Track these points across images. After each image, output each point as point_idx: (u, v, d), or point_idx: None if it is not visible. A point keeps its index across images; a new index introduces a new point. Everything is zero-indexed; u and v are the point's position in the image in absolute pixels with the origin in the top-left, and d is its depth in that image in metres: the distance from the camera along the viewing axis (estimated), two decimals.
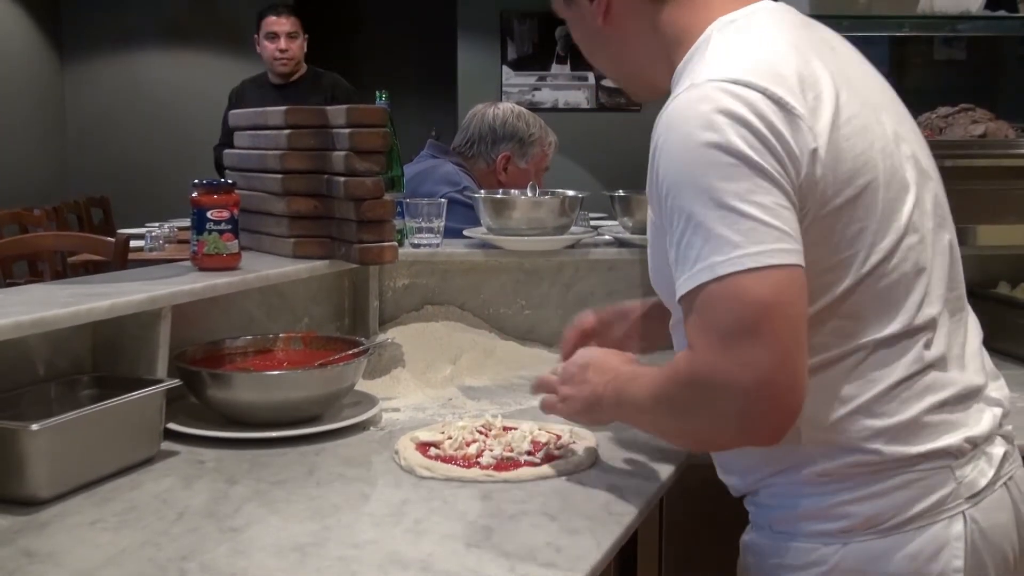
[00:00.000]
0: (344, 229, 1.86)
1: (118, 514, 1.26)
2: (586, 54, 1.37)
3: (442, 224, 2.17)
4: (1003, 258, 2.26)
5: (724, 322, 1.02)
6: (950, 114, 2.27)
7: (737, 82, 1.05)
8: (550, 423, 1.58)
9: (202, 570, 1.09)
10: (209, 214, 1.72)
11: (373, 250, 1.83)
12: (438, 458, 1.43)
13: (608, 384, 1.27)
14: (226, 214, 1.73)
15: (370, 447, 1.54)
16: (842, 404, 1.10)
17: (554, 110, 7.76)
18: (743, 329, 1.00)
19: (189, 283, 1.61)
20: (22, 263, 5.04)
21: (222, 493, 1.33)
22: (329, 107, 1.89)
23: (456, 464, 1.41)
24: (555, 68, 7.81)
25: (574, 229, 2.22)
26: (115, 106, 8.23)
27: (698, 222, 1.03)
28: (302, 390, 1.59)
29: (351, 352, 1.69)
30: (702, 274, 1.02)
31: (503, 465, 1.40)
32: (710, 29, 1.15)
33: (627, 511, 1.27)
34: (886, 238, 1.09)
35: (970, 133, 2.24)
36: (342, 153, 1.81)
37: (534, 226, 2.12)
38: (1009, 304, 2.09)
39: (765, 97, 1.04)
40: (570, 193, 2.19)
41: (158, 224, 5.03)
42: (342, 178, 1.82)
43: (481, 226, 2.27)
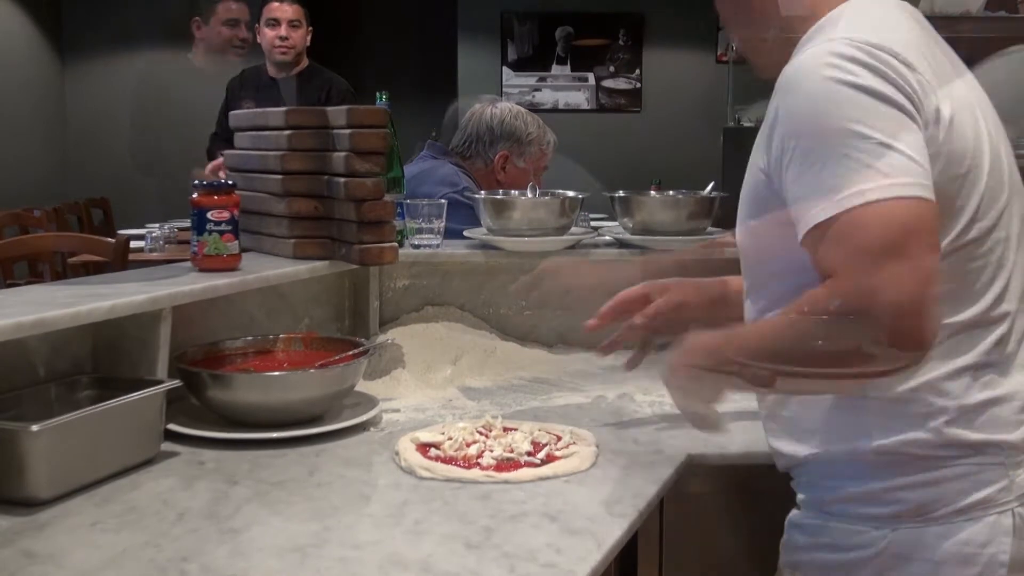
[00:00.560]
0: (344, 230, 1.86)
1: (118, 515, 1.26)
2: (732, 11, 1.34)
3: (442, 225, 2.17)
4: None
5: (877, 242, 1.04)
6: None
7: (870, 43, 1.09)
8: (550, 424, 1.58)
9: (202, 571, 1.09)
10: (209, 215, 1.72)
11: (373, 251, 1.83)
12: (438, 459, 1.43)
13: (721, 346, 1.22)
14: (226, 215, 1.73)
15: (370, 448, 1.54)
16: (910, 377, 1.12)
17: (554, 111, 7.77)
18: (896, 250, 1.03)
19: (189, 284, 1.61)
20: (22, 264, 5.05)
21: (222, 494, 1.33)
22: (329, 108, 1.89)
23: (456, 465, 1.41)
24: (555, 69, 7.82)
25: (574, 230, 2.22)
26: (116, 107, 8.23)
27: (843, 154, 1.05)
28: (302, 391, 1.59)
29: (351, 353, 1.69)
30: (850, 199, 1.05)
31: (503, 466, 1.40)
32: (843, 7, 1.19)
33: (627, 512, 1.27)
34: (982, 221, 1.13)
35: None
36: (342, 154, 1.82)
37: (534, 227, 2.12)
38: None
39: (897, 60, 1.08)
40: (570, 194, 2.20)
41: (158, 225, 5.03)
42: (342, 179, 1.82)
43: (481, 227, 2.27)
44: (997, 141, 1.19)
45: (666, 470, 1.43)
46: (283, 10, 4.14)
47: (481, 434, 1.51)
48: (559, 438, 1.51)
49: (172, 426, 1.54)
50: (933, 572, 1.11)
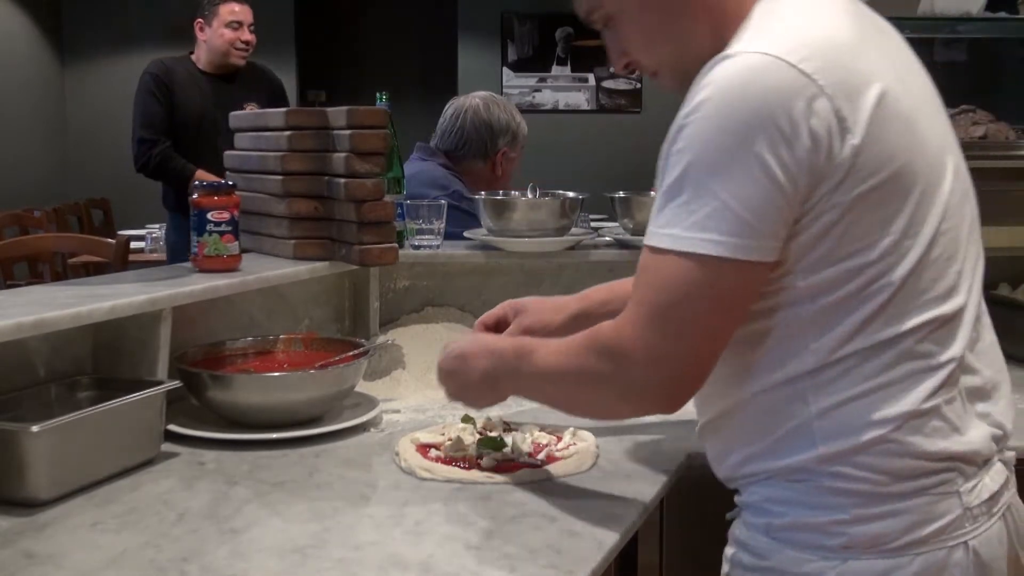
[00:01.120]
0: (344, 230, 1.86)
1: (118, 516, 1.26)
2: (639, 43, 1.24)
3: (442, 226, 2.17)
4: (1004, 260, 2.26)
5: (659, 300, 1.08)
6: (951, 116, 2.27)
7: (784, 60, 1.04)
8: (551, 424, 1.58)
9: (202, 571, 1.09)
10: (210, 216, 1.72)
11: (373, 251, 1.83)
12: (438, 460, 1.43)
13: (497, 363, 1.30)
14: (226, 215, 1.73)
15: (370, 449, 1.54)
16: (857, 383, 1.08)
17: (554, 111, 7.77)
18: (671, 315, 1.07)
19: (189, 284, 1.61)
20: (22, 264, 5.05)
21: (222, 494, 1.33)
22: (329, 108, 1.89)
23: (456, 466, 1.41)
24: (555, 69, 7.82)
25: (574, 231, 2.22)
26: (116, 107, 8.24)
27: (683, 189, 1.06)
28: (302, 392, 1.59)
29: (351, 353, 1.69)
30: (665, 239, 1.07)
31: (503, 467, 1.40)
32: (760, 5, 1.14)
33: (627, 512, 1.27)
34: (924, 224, 1.08)
35: (971, 135, 2.25)
36: (342, 154, 1.82)
37: (535, 228, 2.12)
38: (1010, 306, 2.09)
39: (812, 83, 1.03)
40: (570, 195, 2.20)
41: (158, 225, 5.04)
42: (342, 179, 1.82)
43: (474, 228, 2.28)
44: (936, 133, 1.14)
45: (666, 470, 1.43)
46: (245, 13, 4.15)
47: (481, 435, 1.51)
48: (559, 439, 1.51)
49: (172, 427, 1.54)
50: None
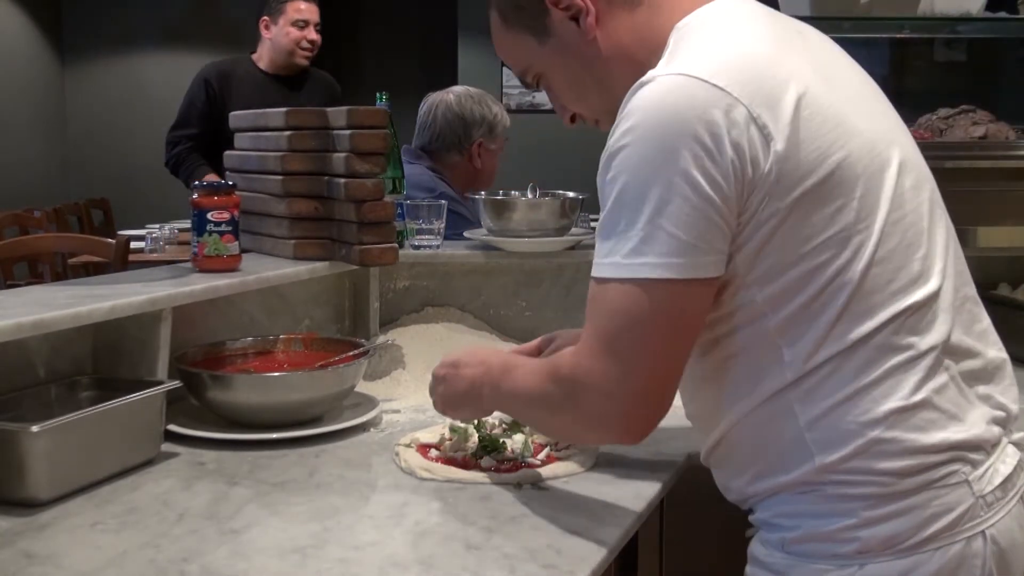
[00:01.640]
0: (344, 231, 1.86)
1: (118, 516, 1.26)
2: (571, 96, 1.30)
3: (442, 226, 2.17)
4: (1004, 260, 2.26)
5: (607, 329, 1.09)
6: (950, 116, 2.27)
7: (697, 77, 1.05)
8: None
9: (202, 572, 1.09)
10: (209, 216, 1.72)
11: (373, 251, 1.83)
12: (438, 460, 1.43)
13: (484, 375, 1.31)
14: (226, 216, 1.73)
15: (370, 449, 1.54)
16: (837, 389, 1.08)
17: (554, 111, 7.76)
18: (620, 342, 1.08)
19: (189, 285, 1.61)
20: (22, 264, 5.05)
21: (222, 495, 1.33)
22: (329, 108, 1.89)
23: (456, 466, 1.41)
24: None
25: (574, 231, 2.21)
26: (116, 107, 8.24)
27: (618, 217, 1.07)
28: (302, 392, 1.59)
29: (351, 354, 1.69)
30: (607, 268, 1.08)
31: (503, 467, 1.40)
32: (673, 33, 1.15)
33: (627, 512, 1.27)
34: (871, 218, 1.08)
35: (970, 135, 2.24)
36: (343, 155, 1.82)
37: (534, 228, 2.12)
38: (1010, 306, 2.09)
39: (725, 96, 1.04)
40: (570, 194, 2.19)
41: (158, 226, 5.04)
42: (342, 180, 1.82)
43: (462, 229, 2.29)
44: (873, 126, 1.13)
45: (666, 470, 1.43)
46: (312, 11, 4.02)
47: (481, 435, 1.51)
48: None
49: (172, 427, 1.54)
50: None
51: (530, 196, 2.19)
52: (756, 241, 1.07)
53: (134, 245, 4.20)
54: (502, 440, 1.47)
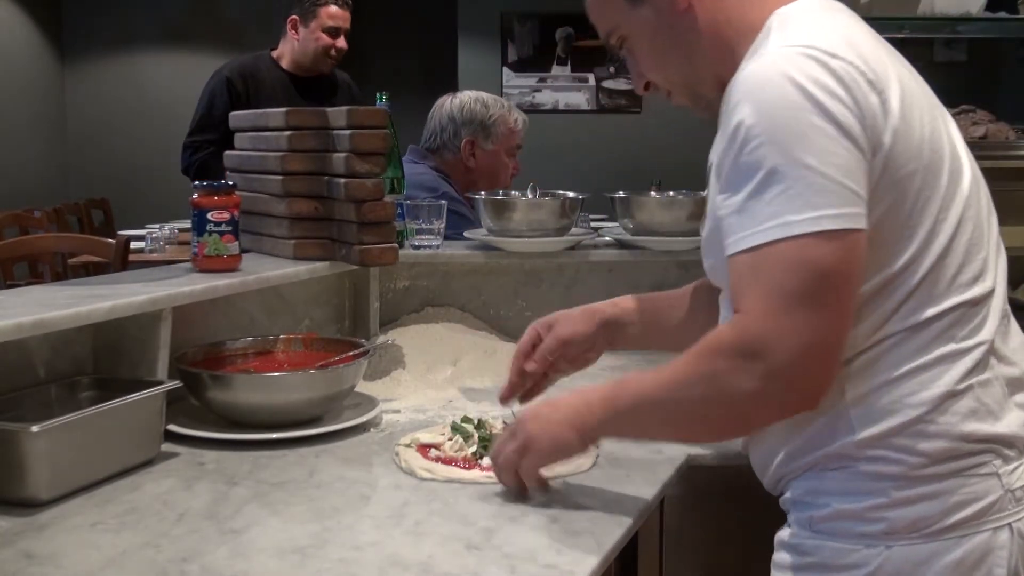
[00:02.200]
0: (344, 231, 1.86)
1: (118, 516, 1.26)
2: (651, 63, 1.27)
3: (442, 226, 2.17)
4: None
5: (790, 285, 1.03)
6: (951, 115, 2.27)
7: (816, 47, 1.07)
8: None
9: (202, 572, 1.09)
10: (209, 216, 1.72)
11: (373, 252, 1.83)
12: (438, 460, 1.43)
13: (582, 396, 1.23)
14: (226, 216, 1.73)
15: (370, 449, 1.54)
16: (889, 369, 1.10)
17: (554, 111, 7.77)
18: (808, 294, 1.02)
19: (189, 284, 1.61)
20: (23, 264, 5.05)
21: (222, 495, 1.33)
22: (329, 108, 1.89)
23: (456, 466, 1.41)
24: (555, 70, 7.82)
25: (574, 230, 2.22)
26: (116, 108, 8.24)
27: (776, 179, 1.03)
28: (302, 392, 1.59)
29: (351, 354, 1.69)
30: (775, 231, 1.03)
31: None
32: (773, 17, 1.16)
33: (628, 512, 1.27)
34: (950, 211, 1.11)
35: (971, 135, 2.25)
36: (343, 155, 1.82)
37: (535, 227, 2.12)
38: (1010, 306, 2.09)
39: (846, 63, 1.06)
40: (570, 194, 2.20)
41: (158, 226, 5.04)
42: (343, 180, 1.82)
43: (463, 229, 2.28)
44: (945, 130, 1.16)
45: (666, 471, 1.43)
46: (346, 19, 3.80)
47: (481, 435, 1.51)
48: None
49: (172, 427, 1.54)
50: None
51: (530, 196, 2.19)
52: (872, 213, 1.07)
53: (134, 245, 4.20)
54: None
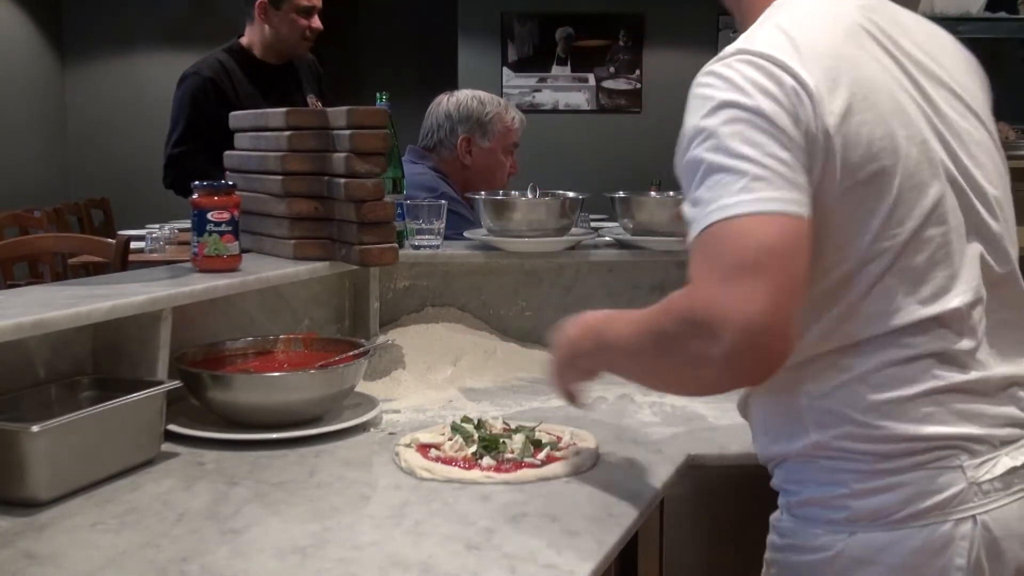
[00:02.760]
0: (345, 231, 1.86)
1: (118, 516, 1.26)
2: None
3: (442, 226, 2.17)
4: None
5: (729, 258, 1.04)
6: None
7: (761, 55, 1.09)
8: (551, 424, 1.58)
9: (202, 572, 1.09)
10: (209, 215, 1.72)
11: (373, 252, 1.83)
12: (439, 460, 1.43)
13: (585, 332, 1.29)
14: (226, 216, 1.73)
15: (370, 449, 1.54)
16: (841, 373, 1.12)
17: (554, 111, 7.77)
18: (747, 266, 1.02)
19: (189, 285, 1.61)
20: (22, 264, 5.04)
21: (222, 495, 1.33)
22: (330, 109, 1.89)
23: (456, 466, 1.41)
24: (555, 70, 7.82)
25: (574, 230, 2.22)
26: (116, 108, 8.24)
27: (715, 170, 1.06)
28: (302, 392, 1.59)
29: (351, 354, 1.69)
30: (713, 214, 1.05)
31: (503, 467, 1.40)
32: (769, 9, 1.19)
33: (628, 512, 1.27)
34: (901, 226, 1.10)
35: None
36: (343, 155, 1.82)
37: (534, 228, 2.12)
38: None
39: (784, 71, 1.08)
40: (570, 194, 2.20)
41: (158, 226, 5.04)
42: (343, 180, 1.82)
43: (461, 229, 2.28)
44: (918, 138, 1.14)
45: (666, 470, 1.43)
46: None
47: (481, 435, 1.51)
48: (559, 438, 1.51)
49: (172, 427, 1.54)
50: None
51: (530, 196, 2.19)
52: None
53: (134, 245, 4.20)
54: (502, 440, 1.47)
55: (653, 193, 2.41)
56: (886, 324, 1.11)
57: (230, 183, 1.81)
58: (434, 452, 1.45)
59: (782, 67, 1.08)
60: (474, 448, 1.45)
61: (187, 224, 2.01)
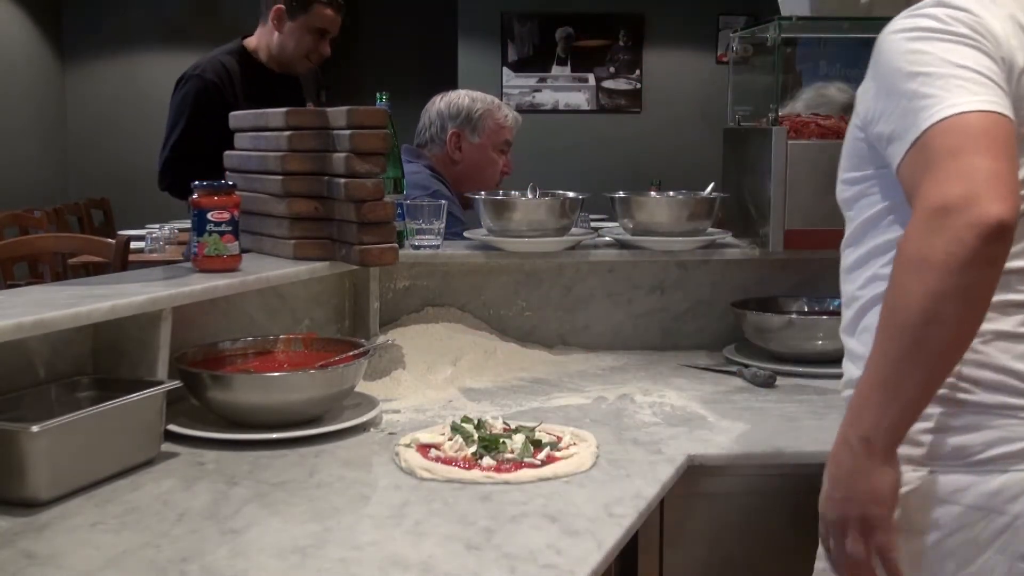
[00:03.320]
0: (345, 231, 1.86)
1: (118, 516, 1.26)
2: None
3: (442, 226, 2.17)
4: None
5: (956, 143, 1.07)
6: None
7: (958, 7, 1.16)
8: (551, 424, 1.58)
9: (202, 572, 1.09)
10: (210, 216, 1.72)
11: (373, 252, 1.83)
12: (439, 460, 1.43)
13: (849, 455, 1.13)
14: (226, 216, 1.73)
15: (370, 449, 1.54)
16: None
17: (554, 111, 7.77)
18: (974, 146, 1.06)
19: (189, 285, 1.61)
20: (23, 264, 5.05)
21: (222, 495, 1.33)
22: (330, 109, 1.89)
23: (456, 466, 1.41)
24: (555, 70, 7.82)
25: (574, 231, 2.22)
26: (116, 108, 8.24)
27: (932, 76, 1.11)
28: (302, 392, 1.59)
29: (351, 354, 1.69)
30: (939, 111, 1.09)
31: (503, 467, 1.40)
32: None
33: (628, 513, 1.27)
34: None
35: None
36: (343, 155, 1.82)
37: (534, 228, 2.12)
38: None
39: (980, 23, 1.14)
40: (570, 194, 2.20)
41: (158, 226, 5.04)
42: (343, 180, 1.82)
43: (451, 228, 2.28)
44: None
45: (666, 470, 1.43)
46: (336, 23, 3.41)
47: (481, 435, 1.51)
48: (559, 439, 1.51)
49: (172, 427, 1.54)
50: (962, 515, 1.13)
51: (530, 196, 2.19)
52: None
53: (134, 245, 4.20)
54: (502, 440, 1.47)
55: (653, 193, 2.41)
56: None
57: (230, 183, 1.81)
58: (434, 452, 1.45)
59: (975, 15, 1.14)
60: (474, 448, 1.45)
61: (187, 224, 2.01)
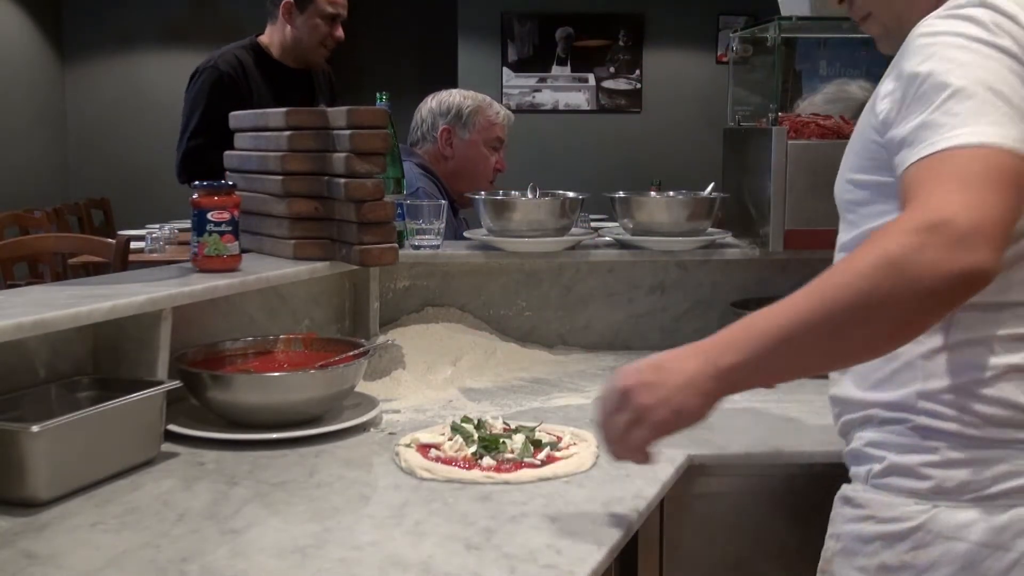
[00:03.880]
0: (345, 231, 1.86)
1: (118, 516, 1.26)
2: None
3: (442, 226, 2.17)
4: None
5: (974, 170, 1.03)
6: None
7: (997, 9, 1.11)
8: (551, 424, 1.58)
9: (202, 572, 1.09)
10: (210, 215, 1.72)
11: (373, 252, 1.83)
12: (439, 460, 1.43)
13: (704, 361, 1.09)
14: (226, 215, 1.73)
15: (370, 449, 1.54)
16: (985, 327, 1.12)
17: (554, 111, 7.77)
18: (990, 179, 1.02)
19: (189, 285, 1.61)
20: (23, 265, 5.05)
21: (222, 495, 1.33)
22: (330, 108, 1.89)
23: (456, 466, 1.41)
24: (555, 70, 7.82)
25: (574, 231, 2.22)
26: (116, 108, 8.24)
27: (964, 96, 1.07)
28: (302, 392, 1.59)
29: (351, 354, 1.69)
30: (963, 138, 1.05)
31: (503, 467, 1.40)
32: None
33: (627, 512, 1.27)
34: None
35: None
36: (343, 155, 1.82)
37: (534, 228, 2.12)
38: None
39: (1017, 25, 1.10)
40: (570, 195, 2.20)
41: (158, 226, 5.04)
42: (343, 180, 1.82)
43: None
44: None
45: (666, 470, 1.43)
46: (344, 5, 3.42)
47: (481, 435, 1.51)
48: (559, 439, 1.51)
49: (172, 427, 1.54)
50: (968, 553, 1.11)
51: (530, 196, 2.19)
52: None
53: (134, 245, 4.20)
54: (502, 440, 1.47)
55: (653, 193, 2.41)
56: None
57: (230, 183, 1.81)
58: (434, 452, 1.45)
59: (1021, 24, 1.10)
60: (474, 448, 1.45)
61: (187, 224, 2.00)
